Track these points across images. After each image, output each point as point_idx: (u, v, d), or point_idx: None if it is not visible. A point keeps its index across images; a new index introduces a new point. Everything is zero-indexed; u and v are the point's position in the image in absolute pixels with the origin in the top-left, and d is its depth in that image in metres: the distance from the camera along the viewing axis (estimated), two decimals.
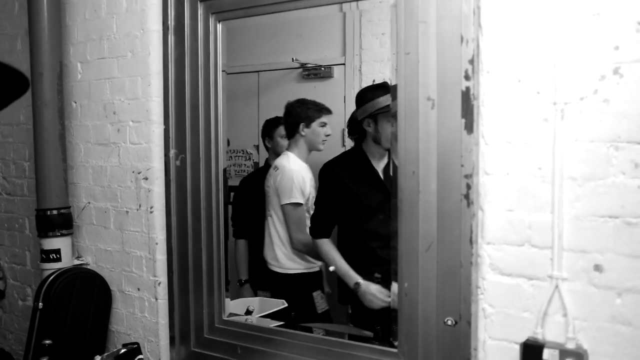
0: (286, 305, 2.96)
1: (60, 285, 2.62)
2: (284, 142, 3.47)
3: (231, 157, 4.01)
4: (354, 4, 3.42)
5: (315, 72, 3.80)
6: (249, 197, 3.50)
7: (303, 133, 3.24)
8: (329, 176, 2.94)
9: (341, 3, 3.09)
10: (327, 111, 3.28)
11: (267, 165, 3.55)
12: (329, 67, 3.76)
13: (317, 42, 3.82)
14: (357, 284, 2.76)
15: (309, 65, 3.79)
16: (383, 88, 2.84)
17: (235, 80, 3.80)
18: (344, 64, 3.73)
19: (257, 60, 3.91)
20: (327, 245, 2.92)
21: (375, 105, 2.78)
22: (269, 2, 2.23)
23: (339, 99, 3.71)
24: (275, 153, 3.51)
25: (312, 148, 3.26)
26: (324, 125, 3.25)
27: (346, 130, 3.60)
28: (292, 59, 3.78)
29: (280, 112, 3.59)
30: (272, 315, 2.81)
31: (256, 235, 3.48)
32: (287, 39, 3.84)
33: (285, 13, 2.26)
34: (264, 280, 3.40)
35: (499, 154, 1.73)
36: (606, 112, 1.56)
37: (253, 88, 3.99)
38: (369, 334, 3.03)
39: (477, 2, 1.75)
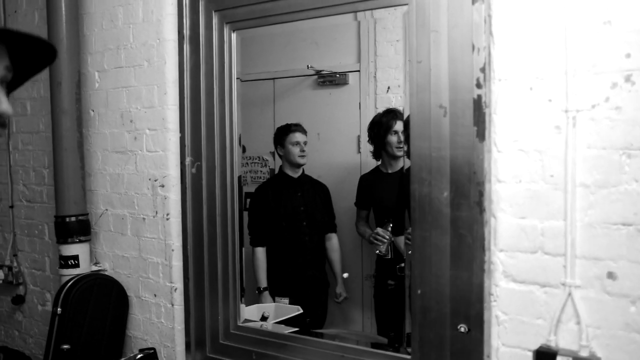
0: (301, 311, 2.97)
1: (79, 291, 2.66)
2: (296, 149, 3.48)
3: (247, 163, 4.03)
4: (368, 12, 3.43)
5: (331, 79, 3.81)
6: (266, 204, 3.51)
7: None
8: None
9: (355, 12, 3.10)
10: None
11: (282, 173, 3.55)
12: (344, 74, 3.77)
13: (332, 49, 3.83)
14: None
15: (324, 72, 3.80)
16: None
17: (251, 87, 3.82)
18: (359, 71, 3.74)
19: (273, 68, 3.93)
20: None
21: None
22: (282, 12, 2.25)
23: (354, 105, 3.72)
24: (288, 161, 3.52)
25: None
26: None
27: (361, 136, 3.62)
28: (308, 66, 3.80)
29: (295, 119, 3.61)
30: (287, 322, 2.83)
31: (274, 243, 3.50)
32: (302, 46, 3.86)
33: (300, 21, 2.28)
34: (283, 286, 3.41)
35: (511, 161, 1.74)
36: (618, 119, 1.56)
37: (269, 95, 4.01)
38: (383, 340, 3.03)
39: (488, 10, 1.76)
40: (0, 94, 1.06)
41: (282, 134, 3.54)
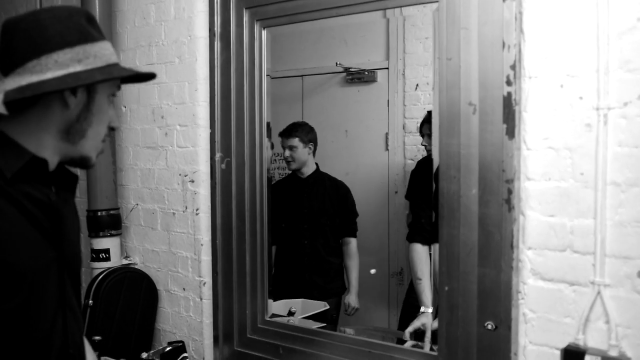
0: (328, 307, 2.98)
1: (110, 284, 2.71)
2: (285, 154, 3.44)
3: (275, 160, 4.05)
4: (397, 10, 3.42)
5: (359, 77, 3.81)
6: (279, 203, 3.45)
7: None
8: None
9: (384, 9, 3.10)
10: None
11: (293, 172, 3.48)
12: (373, 71, 3.77)
13: (360, 46, 3.83)
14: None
15: (353, 70, 3.81)
16: None
17: (280, 84, 3.84)
18: (387, 68, 3.73)
19: (301, 65, 3.94)
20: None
21: None
22: (312, 9, 2.26)
23: (383, 103, 3.72)
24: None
25: None
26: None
27: (389, 133, 3.62)
28: (336, 63, 3.80)
29: (323, 116, 3.62)
30: (313, 317, 2.84)
31: (279, 243, 3.42)
32: (331, 43, 3.86)
33: (329, 19, 2.29)
34: (284, 288, 3.33)
35: (541, 159, 1.73)
36: None
37: (297, 92, 4.03)
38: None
39: (519, 7, 1.75)
40: (113, 111, 1.41)
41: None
